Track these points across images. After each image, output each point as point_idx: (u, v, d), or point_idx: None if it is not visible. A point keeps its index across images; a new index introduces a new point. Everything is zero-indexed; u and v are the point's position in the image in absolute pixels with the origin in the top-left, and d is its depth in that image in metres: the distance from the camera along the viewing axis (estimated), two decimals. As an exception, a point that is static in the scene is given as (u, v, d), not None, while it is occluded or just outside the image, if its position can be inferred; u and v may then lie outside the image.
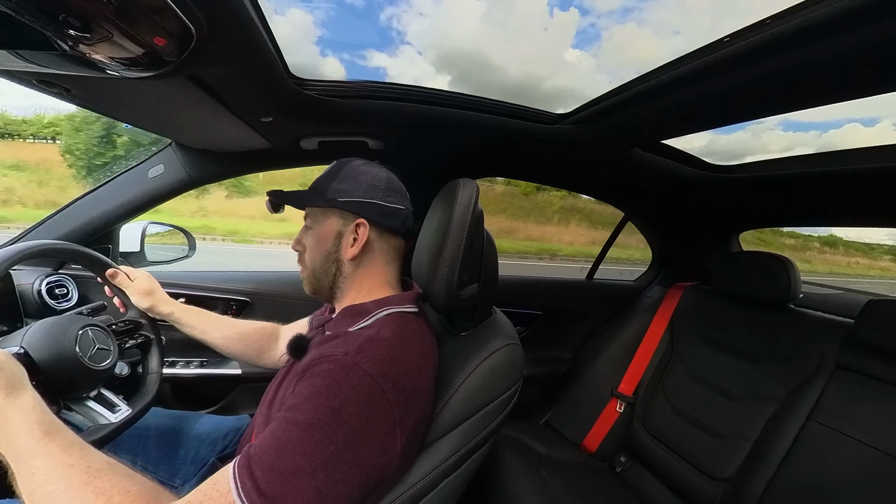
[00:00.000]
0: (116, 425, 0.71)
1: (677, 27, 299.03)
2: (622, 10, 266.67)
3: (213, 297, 1.28)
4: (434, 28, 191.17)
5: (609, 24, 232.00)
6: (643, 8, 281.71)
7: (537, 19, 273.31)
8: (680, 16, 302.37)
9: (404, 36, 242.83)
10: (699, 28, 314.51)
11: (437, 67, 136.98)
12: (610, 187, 1.54)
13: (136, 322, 0.89)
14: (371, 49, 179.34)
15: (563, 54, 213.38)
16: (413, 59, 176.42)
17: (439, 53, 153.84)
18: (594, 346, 1.72)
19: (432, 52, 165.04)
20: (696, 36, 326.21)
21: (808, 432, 1.00)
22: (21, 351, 0.66)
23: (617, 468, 1.37)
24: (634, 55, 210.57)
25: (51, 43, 0.46)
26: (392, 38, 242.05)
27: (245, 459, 0.48)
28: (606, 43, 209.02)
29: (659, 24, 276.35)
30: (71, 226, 1.11)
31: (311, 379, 0.53)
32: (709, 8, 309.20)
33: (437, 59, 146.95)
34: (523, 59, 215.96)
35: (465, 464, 0.69)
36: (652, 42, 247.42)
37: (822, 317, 1.17)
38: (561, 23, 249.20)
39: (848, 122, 66.05)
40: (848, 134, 48.40)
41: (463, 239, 0.66)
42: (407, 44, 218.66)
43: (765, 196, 1.31)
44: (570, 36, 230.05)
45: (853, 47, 0.56)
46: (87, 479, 0.45)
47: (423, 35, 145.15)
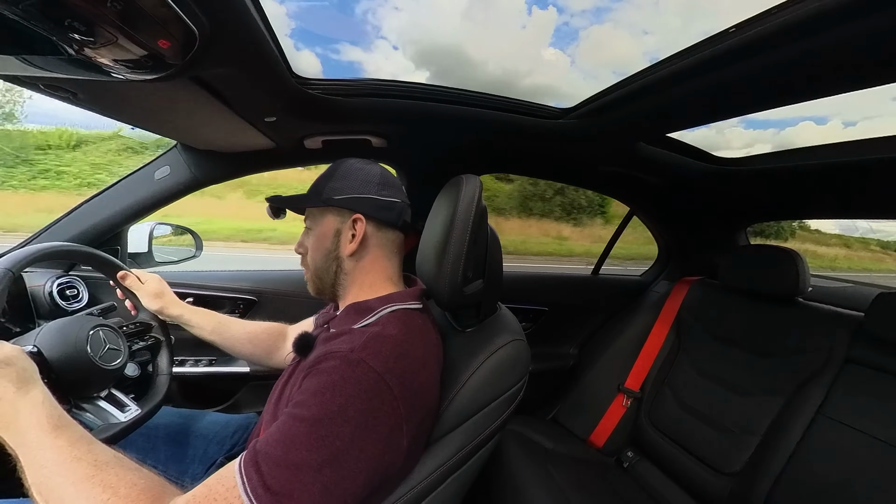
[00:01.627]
0: (126, 425, 0.72)
1: (648, 28, 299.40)
2: (596, 10, 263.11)
3: (221, 296, 1.29)
4: (412, 23, 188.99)
5: (586, 24, 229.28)
6: (616, 8, 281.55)
7: (516, 16, 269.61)
8: (651, 17, 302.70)
9: (380, 30, 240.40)
10: (670, 29, 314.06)
11: (417, 63, 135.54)
12: (615, 182, 1.53)
13: (147, 324, 0.90)
14: (345, 43, 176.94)
15: (541, 52, 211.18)
16: (389, 54, 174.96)
17: (418, 49, 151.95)
18: (600, 342, 1.71)
19: (411, 47, 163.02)
20: (668, 37, 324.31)
21: (817, 426, 0.99)
22: (34, 350, 0.67)
23: (624, 463, 1.37)
24: (611, 55, 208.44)
25: (57, 47, 0.47)
26: (367, 33, 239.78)
27: (251, 455, 0.48)
28: (584, 42, 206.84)
29: (631, 24, 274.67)
30: (80, 228, 1.12)
31: (317, 376, 0.53)
32: (680, 10, 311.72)
33: (415, 55, 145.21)
34: (502, 55, 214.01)
35: (472, 459, 0.70)
36: (627, 42, 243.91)
37: (831, 310, 1.16)
38: (539, 21, 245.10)
39: (802, 121, 66.08)
40: (802, 132, 48.37)
41: (467, 235, 0.66)
42: (382, 38, 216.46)
43: (772, 189, 1.30)
44: (549, 34, 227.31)
45: (859, 37, 0.55)
46: (94, 472, 0.46)
47: (399, 30, 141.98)
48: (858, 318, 1.06)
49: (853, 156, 0.96)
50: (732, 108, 0.85)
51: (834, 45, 0.57)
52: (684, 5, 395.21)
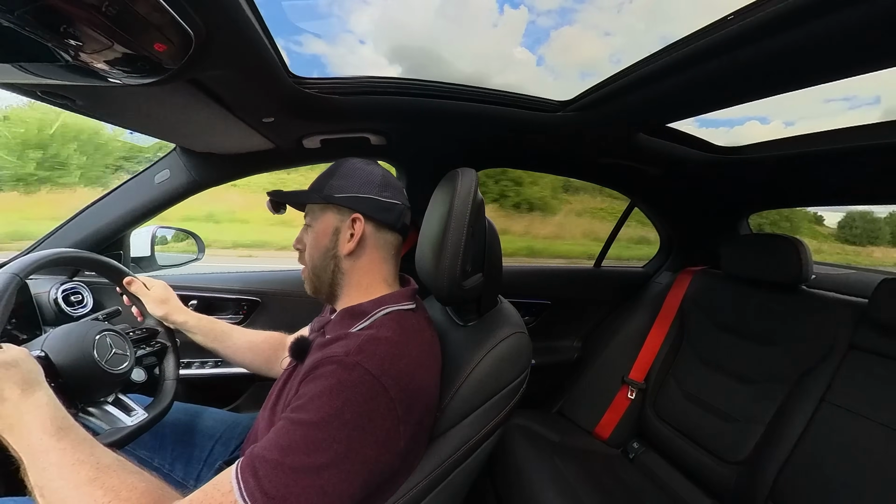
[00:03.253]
0: (132, 429, 0.73)
1: (611, 29, 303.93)
2: (562, 10, 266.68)
3: (225, 297, 1.30)
4: (384, 19, 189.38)
5: (556, 24, 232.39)
6: (579, 9, 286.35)
7: (487, 15, 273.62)
8: (615, 19, 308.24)
9: (346, 23, 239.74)
10: (634, 31, 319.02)
11: (389, 59, 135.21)
12: (615, 174, 1.53)
13: (153, 329, 0.91)
14: (308, 35, 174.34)
15: (512, 51, 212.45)
16: (354, 48, 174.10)
17: (391, 45, 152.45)
18: (604, 334, 1.71)
19: (383, 43, 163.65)
20: (632, 38, 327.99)
21: (822, 413, 0.99)
22: (42, 354, 0.68)
23: (630, 455, 1.38)
24: (580, 56, 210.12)
25: (53, 54, 0.47)
26: (332, 25, 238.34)
27: (249, 459, 0.48)
28: (555, 42, 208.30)
29: (596, 25, 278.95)
30: (82, 234, 1.13)
31: (315, 381, 0.54)
32: (643, 14, 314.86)
33: (388, 51, 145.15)
34: (474, 53, 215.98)
35: (476, 452, 0.70)
36: (594, 44, 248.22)
37: (835, 297, 1.15)
38: (511, 20, 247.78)
39: (748, 120, 66.47)
40: (747, 131, 48.46)
41: (464, 229, 0.66)
42: (349, 32, 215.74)
43: (774, 177, 1.29)
44: (520, 34, 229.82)
45: (860, 21, 0.54)
46: (97, 475, 0.47)
47: (367, 24, 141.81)
48: (862, 304, 1.05)
49: (854, 142, 0.96)
50: (733, 96, 0.85)
51: (835, 30, 0.57)
52: (647, 10, 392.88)
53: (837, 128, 1.01)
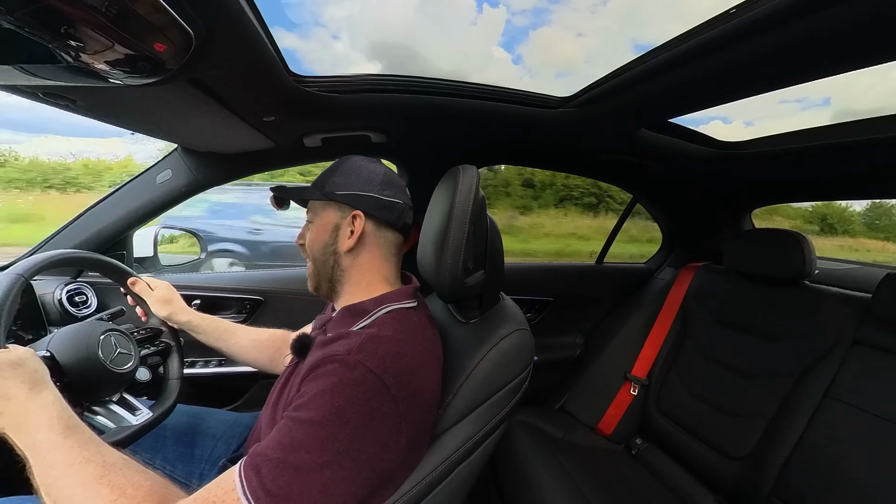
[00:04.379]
0: (137, 428, 0.73)
1: (584, 30, 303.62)
2: (537, 10, 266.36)
3: (228, 297, 1.30)
4: (361, 14, 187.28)
5: (534, 24, 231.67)
6: (553, 10, 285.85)
7: (466, 13, 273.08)
8: (589, 20, 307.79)
9: (318, 17, 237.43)
10: (609, 33, 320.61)
11: (368, 55, 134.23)
12: (617, 169, 1.52)
13: (157, 329, 0.91)
14: (279, 28, 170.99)
15: (491, 49, 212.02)
16: (328, 43, 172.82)
17: (370, 41, 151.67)
18: (606, 331, 1.71)
19: (359, 39, 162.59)
20: (607, 40, 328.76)
21: (826, 408, 0.99)
22: (47, 354, 0.68)
23: (633, 451, 1.38)
24: (556, 56, 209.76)
25: (54, 55, 0.47)
26: (304, 18, 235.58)
27: (251, 458, 0.49)
28: (533, 42, 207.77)
29: (570, 27, 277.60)
30: (85, 234, 1.13)
31: (316, 379, 0.54)
32: (617, 18, 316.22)
33: (367, 47, 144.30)
34: (453, 51, 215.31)
35: (479, 449, 0.70)
36: (571, 45, 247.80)
37: (839, 292, 1.15)
38: (490, 18, 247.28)
39: (712, 120, 63.87)
40: (711, 130, 47.85)
41: (466, 226, 0.66)
42: (321, 26, 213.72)
43: (776, 171, 1.29)
44: (499, 32, 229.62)
45: (860, 16, 0.54)
46: (103, 473, 0.47)
47: (341, 18, 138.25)
48: (866, 299, 1.05)
49: (857, 136, 0.95)
50: (734, 91, 0.84)
51: (837, 23, 0.56)
52: (620, 14, 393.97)
53: (835, 122, 1.01)
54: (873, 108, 14.76)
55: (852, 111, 14.93)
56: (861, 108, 19.30)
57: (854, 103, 24.31)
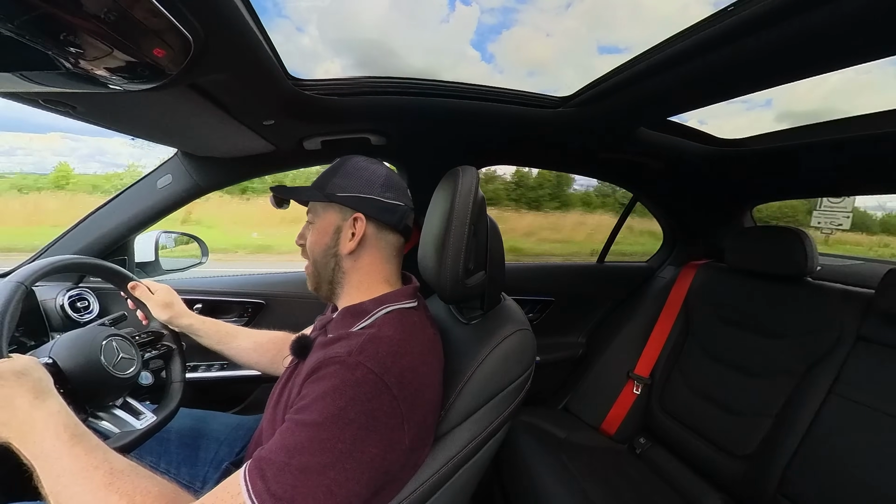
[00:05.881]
0: (141, 432, 0.73)
1: (552, 31, 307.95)
2: (505, 9, 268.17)
3: (229, 300, 1.30)
4: (330, 7, 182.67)
5: (505, 23, 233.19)
6: (520, 9, 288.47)
7: (439, 10, 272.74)
8: (559, 21, 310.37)
9: (282, 9, 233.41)
10: (576, 35, 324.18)
11: (336, 50, 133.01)
12: (617, 168, 1.52)
13: (159, 333, 0.91)
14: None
15: (463, 48, 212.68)
16: (291, 36, 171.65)
17: (339, 36, 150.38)
18: (608, 330, 1.71)
19: (327, 32, 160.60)
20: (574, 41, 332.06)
21: (830, 405, 0.99)
22: (50, 361, 0.68)
23: (637, 450, 1.38)
24: (527, 54, 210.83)
25: (53, 62, 0.47)
26: (266, 9, 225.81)
27: (255, 462, 0.49)
28: (505, 41, 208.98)
29: (539, 26, 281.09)
30: (87, 240, 1.13)
31: (318, 381, 0.54)
32: (585, 21, 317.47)
33: (335, 42, 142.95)
34: (426, 48, 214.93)
35: (483, 449, 0.70)
36: (540, 44, 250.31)
37: (841, 288, 1.14)
38: (462, 16, 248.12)
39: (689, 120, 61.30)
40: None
41: (466, 227, 0.66)
42: (285, 17, 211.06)
43: (777, 168, 1.28)
44: (471, 30, 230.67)
45: (862, 10, 0.54)
46: (111, 480, 0.47)
47: (306, 10, 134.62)
48: (869, 295, 1.05)
49: (858, 131, 0.95)
50: (734, 88, 0.84)
51: (835, 19, 0.56)
52: (588, 17, 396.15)
53: (836, 118, 1.01)
54: (814, 110, 14.77)
55: (794, 113, 15.00)
56: (802, 109, 19.32)
57: (795, 106, 24.25)
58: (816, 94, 33.98)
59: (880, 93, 58.30)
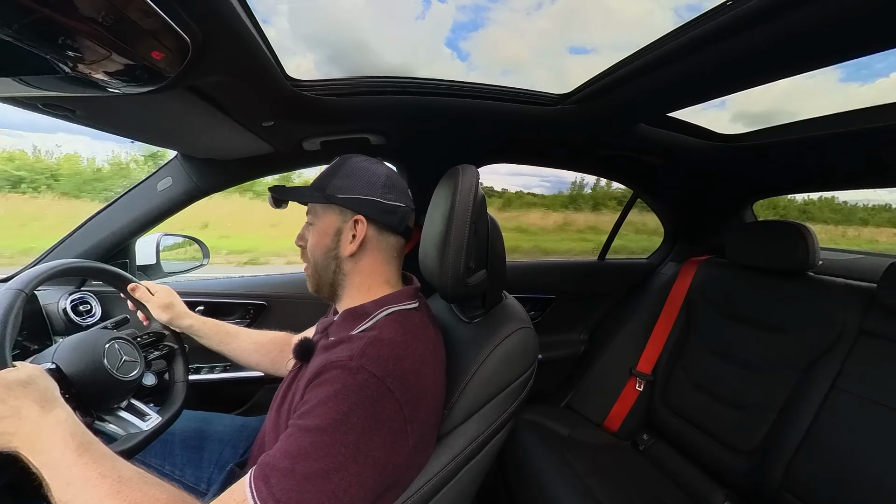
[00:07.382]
0: (147, 433, 0.73)
1: (525, 30, 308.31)
2: (476, 7, 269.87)
3: (231, 302, 1.30)
4: (301, 2, 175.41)
5: (479, 21, 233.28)
6: (492, 7, 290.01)
7: (414, 7, 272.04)
8: (531, 21, 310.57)
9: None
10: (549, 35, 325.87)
11: (308, 44, 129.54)
12: (617, 165, 1.52)
13: (160, 334, 0.91)
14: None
15: (439, 45, 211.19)
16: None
17: (312, 29, 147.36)
18: (610, 327, 1.71)
19: (297, 25, 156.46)
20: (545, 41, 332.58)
21: (833, 400, 0.99)
22: (53, 366, 0.68)
23: (640, 446, 1.38)
24: (501, 53, 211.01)
25: (52, 66, 0.47)
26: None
27: (260, 468, 0.49)
28: (480, 39, 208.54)
29: (512, 26, 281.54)
30: (88, 244, 1.13)
31: (320, 386, 0.54)
32: (556, 22, 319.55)
33: (305, 35, 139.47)
34: (401, 43, 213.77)
35: (485, 448, 0.70)
36: (514, 42, 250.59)
37: (843, 282, 1.14)
38: (437, 13, 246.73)
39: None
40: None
41: (466, 226, 0.66)
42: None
43: (777, 163, 1.28)
44: (447, 27, 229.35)
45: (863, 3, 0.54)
46: (119, 489, 0.47)
47: (275, 3, 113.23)
48: (871, 289, 1.04)
49: (857, 125, 0.95)
50: (733, 83, 0.84)
51: (833, 12, 0.56)
52: (559, 17, 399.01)
53: (837, 112, 1.00)
54: (767, 111, 14.57)
55: (747, 114, 14.69)
56: (755, 110, 18.92)
57: (749, 107, 24.03)
58: (768, 97, 34.49)
59: (822, 97, 59.56)
